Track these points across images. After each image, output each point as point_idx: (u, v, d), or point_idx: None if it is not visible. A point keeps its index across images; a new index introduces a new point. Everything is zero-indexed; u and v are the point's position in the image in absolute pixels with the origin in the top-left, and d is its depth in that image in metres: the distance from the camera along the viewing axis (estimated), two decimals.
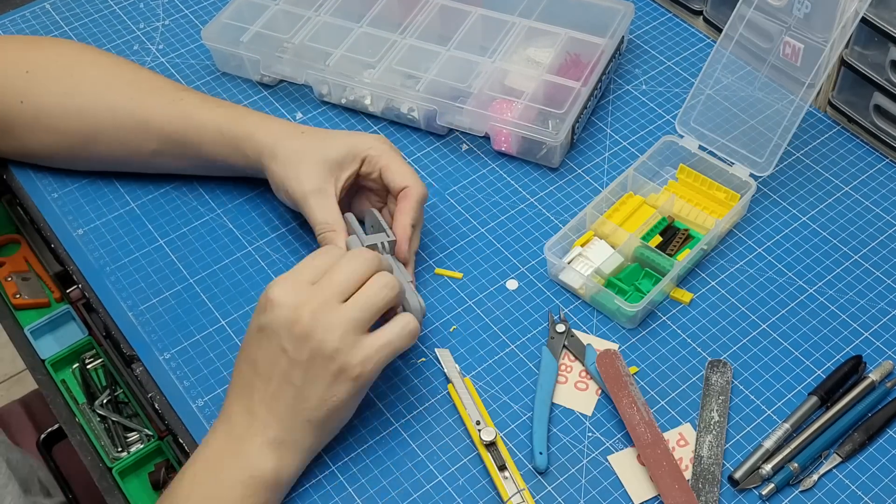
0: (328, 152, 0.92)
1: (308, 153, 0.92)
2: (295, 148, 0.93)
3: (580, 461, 0.84)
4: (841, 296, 0.94)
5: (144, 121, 0.97)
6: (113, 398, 1.02)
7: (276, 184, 0.94)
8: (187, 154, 0.99)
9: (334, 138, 0.94)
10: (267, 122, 0.97)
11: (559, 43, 1.10)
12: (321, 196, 0.91)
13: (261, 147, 0.94)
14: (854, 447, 0.84)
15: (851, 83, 1.05)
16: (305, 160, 0.92)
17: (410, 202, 0.92)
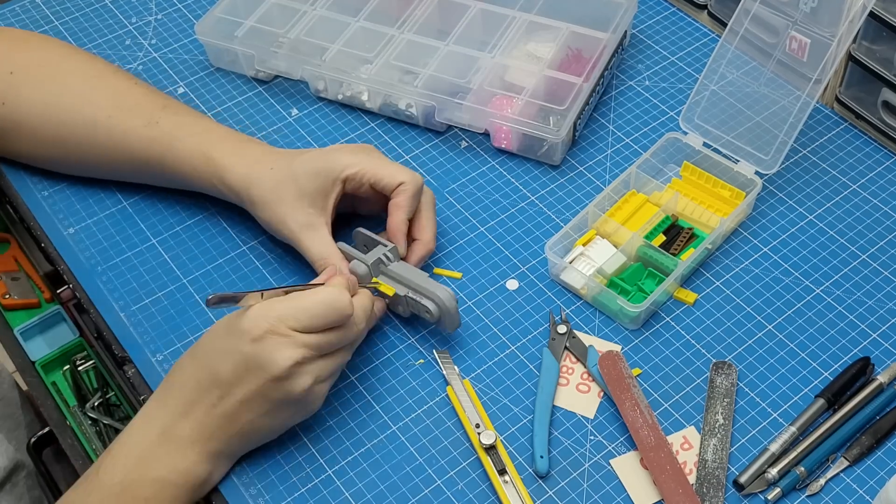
0: (304, 185, 0.91)
1: (284, 191, 0.91)
2: (269, 188, 0.92)
3: (582, 465, 0.84)
4: (848, 296, 0.94)
5: (122, 142, 0.97)
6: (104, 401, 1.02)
7: (264, 225, 0.94)
8: (166, 177, 0.99)
9: (305, 165, 0.92)
10: (237, 156, 0.94)
11: (560, 37, 1.10)
12: (311, 231, 0.91)
13: (236, 192, 0.94)
14: (862, 451, 0.84)
15: (859, 79, 1.05)
16: (284, 199, 0.91)
17: (404, 197, 0.92)
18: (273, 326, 0.77)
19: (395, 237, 0.92)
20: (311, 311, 0.78)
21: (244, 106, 1.12)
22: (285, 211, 0.91)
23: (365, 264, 0.90)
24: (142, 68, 1.15)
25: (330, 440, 0.85)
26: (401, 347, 0.91)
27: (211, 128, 0.97)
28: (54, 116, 0.98)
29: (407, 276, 0.90)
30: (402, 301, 0.90)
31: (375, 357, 0.91)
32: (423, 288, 0.89)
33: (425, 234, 0.94)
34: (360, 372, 0.90)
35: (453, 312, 0.88)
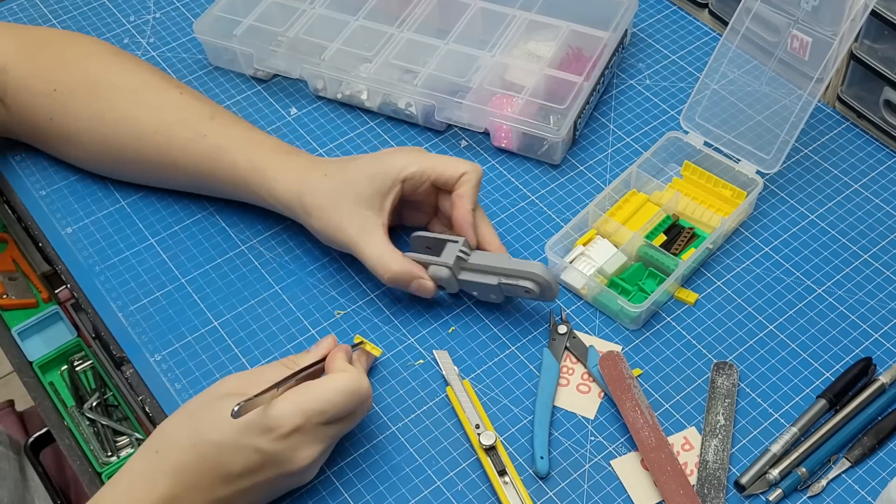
0: (362, 189, 0.90)
1: (341, 197, 0.90)
2: (324, 195, 0.90)
3: (582, 466, 0.84)
4: (850, 296, 0.94)
5: (170, 157, 0.97)
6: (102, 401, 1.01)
7: (321, 238, 0.93)
8: (217, 190, 0.99)
9: (362, 169, 0.91)
10: (288, 169, 0.93)
11: (561, 36, 1.10)
12: (369, 235, 0.89)
13: (288, 203, 0.92)
14: (864, 451, 0.84)
15: (861, 78, 1.04)
16: (341, 206, 0.90)
17: (468, 187, 0.91)
18: (301, 425, 0.76)
19: (464, 229, 0.91)
20: (336, 404, 0.77)
21: (243, 105, 1.12)
22: (341, 217, 0.90)
23: (446, 266, 0.89)
24: None
25: None
26: (400, 348, 0.91)
27: (259, 139, 0.96)
28: (101, 131, 0.98)
29: (491, 264, 0.89)
30: (495, 290, 0.90)
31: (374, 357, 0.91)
32: (514, 270, 0.88)
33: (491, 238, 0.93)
34: None
35: (552, 283, 0.88)
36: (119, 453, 0.97)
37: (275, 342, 0.92)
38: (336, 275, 0.97)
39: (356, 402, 0.79)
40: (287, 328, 0.93)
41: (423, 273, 0.90)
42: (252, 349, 0.91)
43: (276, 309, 0.94)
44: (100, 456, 0.96)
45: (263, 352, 0.91)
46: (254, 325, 0.93)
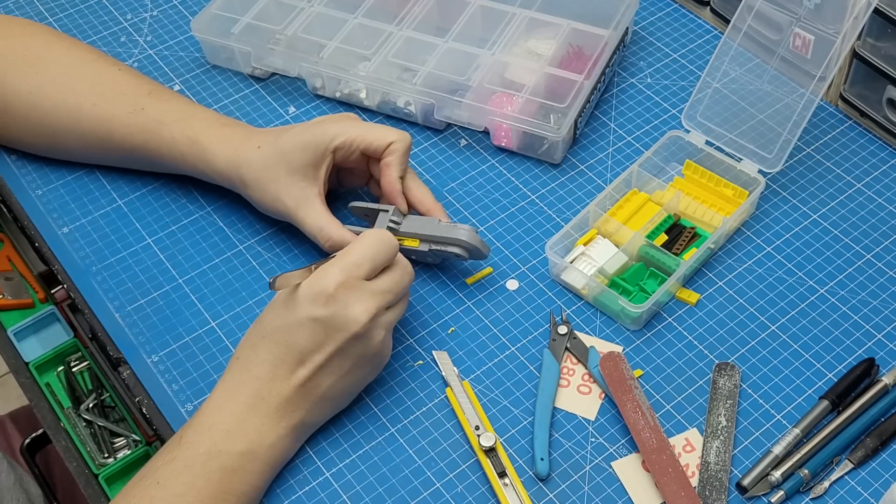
0: (294, 160, 0.92)
1: (275, 169, 0.92)
2: (259, 168, 0.93)
3: (583, 467, 0.84)
4: (853, 296, 0.94)
5: (107, 130, 0.99)
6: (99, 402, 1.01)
7: (260, 208, 0.96)
8: (154, 164, 1.00)
9: (293, 140, 0.92)
10: (223, 140, 0.95)
11: (561, 34, 1.10)
12: (306, 204, 0.92)
13: (226, 175, 0.95)
14: (867, 453, 0.84)
15: (864, 76, 1.04)
16: (276, 178, 0.92)
17: (395, 156, 0.93)
18: (343, 281, 0.79)
19: (393, 196, 0.94)
20: (368, 254, 0.81)
21: (241, 104, 1.11)
22: (278, 189, 0.92)
23: None
24: (137, 65, 1.15)
25: (327, 442, 0.85)
26: (399, 349, 0.91)
27: (196, 112, 0.98)
28: (40, 104, 0.99)
29: (422, 231, 0.92)
30: (428, 254, 0.92)
31: None
32: (442, 237, 0.91)
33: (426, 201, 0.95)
34: None
35: (479, 245, 0.91)
36: (116, 455, 0.97)
37: None
38: None
39: (386, 250, 0.82)
40: None
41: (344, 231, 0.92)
42: None
43: None
44: (96, 457, 0.96)
45: None
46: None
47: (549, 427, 0.85)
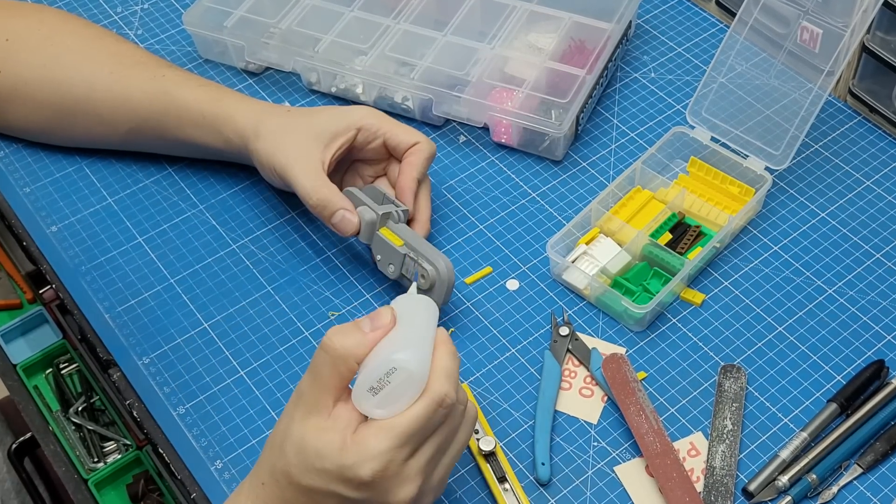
0: (315, 124, 0.94)
1: (293, 126, 0.93)
2: (279, 123, 0.94)
3: (585, 472, 0.84)
4: (862, 296, 0.94)
5: (123, 96, 0.99)
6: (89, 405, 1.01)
7: (261, 162, 0.95)
8: (165, 135, 1.00)
9: (322, 112, 0.96)
10: (249, 102, 0.98)
11: (563, 28, 1.10)
12: (307, 162, 0.92)
13: (242, 128, 0.95)
14: (876, 457, 0.83)
15: (873, 70, 1.04)
16: (291, 133, 0.93)
17: (418, 157, 0.94)
18: (384, 468, 0.67)
19: (405, 195, 0.94)
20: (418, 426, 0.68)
21: None
22: (289, 142, 0.93)
23: (375, 213, 0.91)
24: None
25: None
26: None
27: (218, 84, 1.01)
28: (53, 77, 0.99)
29: (409, 238, 0.91)
30: (397, 259, 0.91)
31: None
32: (425, 252, 0.90)
33: (422, 214, 0.95)
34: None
35: (448, 285, 0.89)
36: (105, 459, 0.97)
37: (267, 344, 0.92)
38: (330, 275, 0.96)
39: (440, 417, 0.69)
40: (279, 330, 0.93)
41: (350, 207, 0.92)
42: (243, 352, 0.91)
43: (268, 310, 0.94)
44: (86, 462, 0.96)
45: (255, 354, 0.91)
46: (245, 326, 0.93)
47: (550, 431, 0.85)
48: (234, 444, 0.86)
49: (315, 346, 0.91)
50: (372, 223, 0.91)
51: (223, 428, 0.87)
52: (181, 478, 0.84)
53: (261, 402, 0.88)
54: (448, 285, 0.89)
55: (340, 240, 0.99)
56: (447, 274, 0.88)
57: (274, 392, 0.89)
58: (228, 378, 0.90)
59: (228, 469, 0.84)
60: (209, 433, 0.86)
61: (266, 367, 0.90)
